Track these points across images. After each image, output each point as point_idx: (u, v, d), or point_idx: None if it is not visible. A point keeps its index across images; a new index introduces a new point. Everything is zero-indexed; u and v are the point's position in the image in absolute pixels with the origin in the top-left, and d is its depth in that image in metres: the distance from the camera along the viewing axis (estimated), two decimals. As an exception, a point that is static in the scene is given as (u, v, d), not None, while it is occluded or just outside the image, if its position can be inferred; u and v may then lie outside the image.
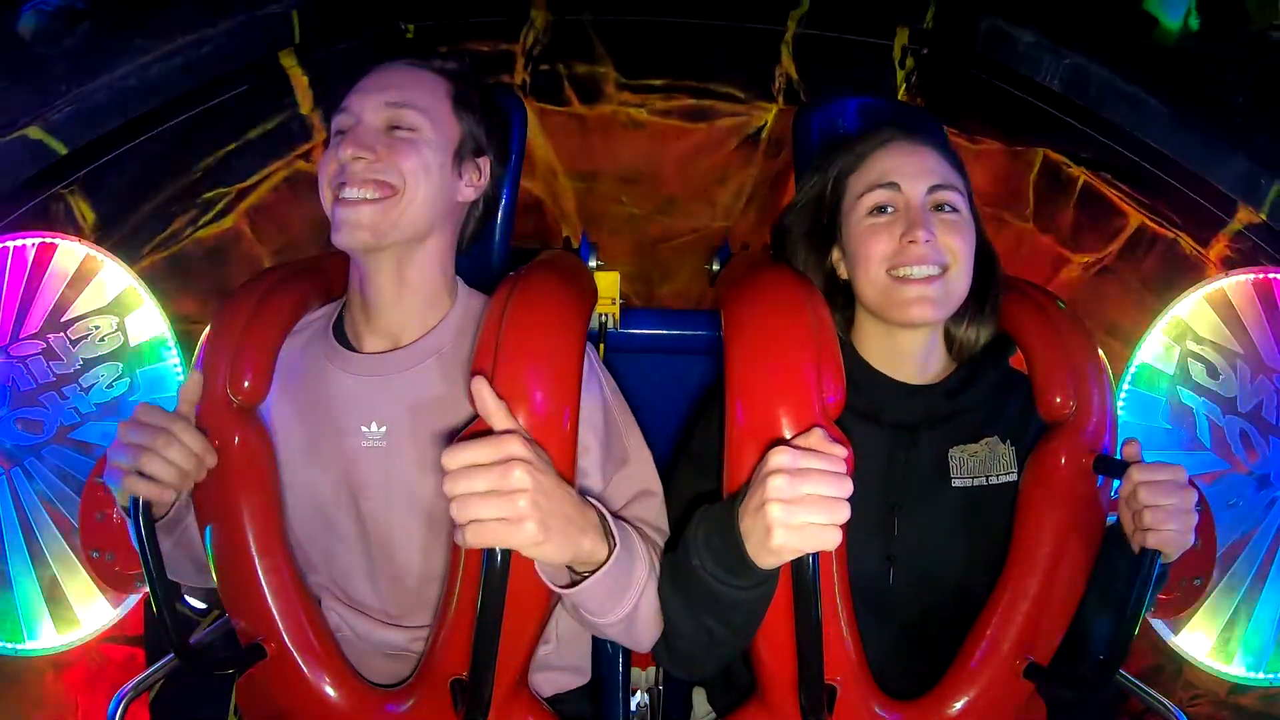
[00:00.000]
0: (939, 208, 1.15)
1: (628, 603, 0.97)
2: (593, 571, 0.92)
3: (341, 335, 1.21)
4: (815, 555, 0.89)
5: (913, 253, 1.12)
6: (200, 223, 2.02)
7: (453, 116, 1.17)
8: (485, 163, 1.22)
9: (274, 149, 2.03)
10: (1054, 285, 2.13)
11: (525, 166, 2.07)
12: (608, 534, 0.95)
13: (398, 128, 1.13)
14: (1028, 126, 2.02)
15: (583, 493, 1.09)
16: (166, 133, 1.82)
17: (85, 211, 1.84)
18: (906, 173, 1.16)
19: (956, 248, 1.14)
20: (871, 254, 1.15)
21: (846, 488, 0.86)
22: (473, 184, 1.21)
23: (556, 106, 2.17)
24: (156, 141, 1.82)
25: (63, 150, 1.61)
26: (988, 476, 1.19)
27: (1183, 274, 1.95)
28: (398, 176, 1.10)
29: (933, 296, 1.12)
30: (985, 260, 1.22)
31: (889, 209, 1.16)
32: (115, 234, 1.89)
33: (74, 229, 1.82)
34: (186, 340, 1.85)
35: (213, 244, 2.06)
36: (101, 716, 1.18)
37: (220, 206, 2.03)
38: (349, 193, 1.09)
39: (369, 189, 1.09)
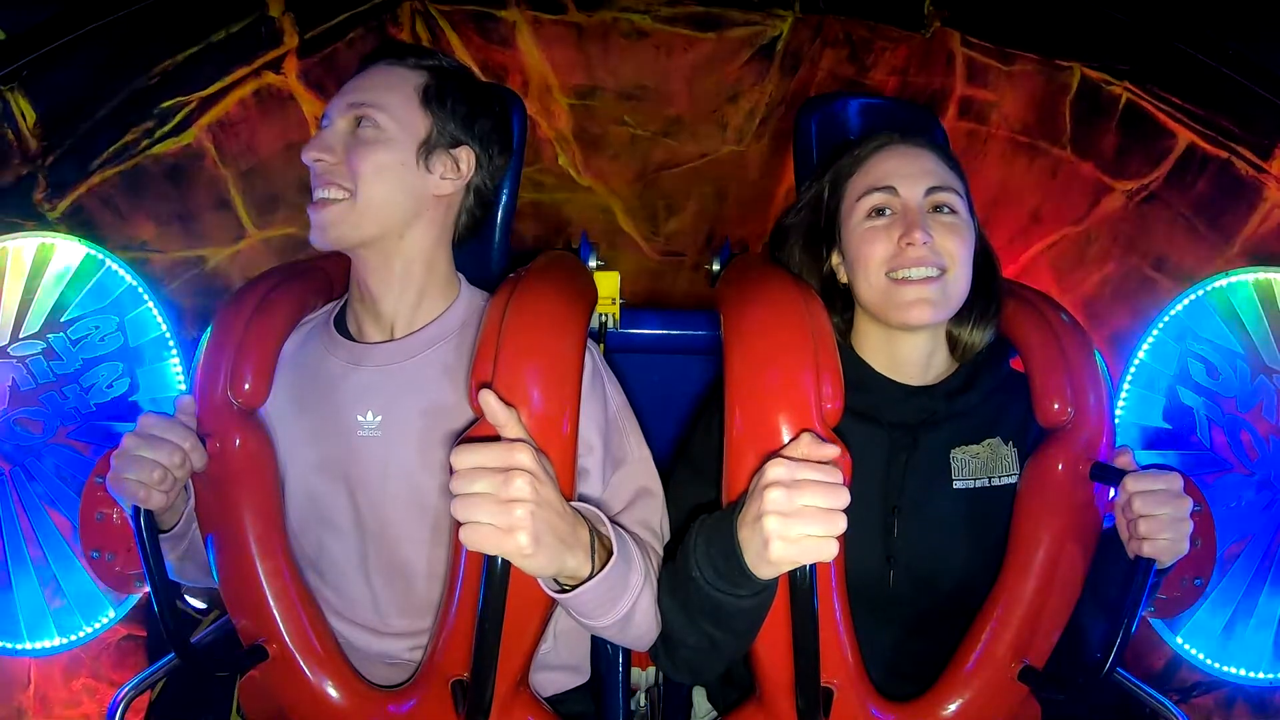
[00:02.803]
0: (937, 209, 1.15)
1: (621, 608, 0.97)
2: (583, 581, 0.92)
3: (343, 327, 1.22)
4: (812, 564, 0.89)
5: (910, 255, 1.12)
6: (157, 135, 1.87)
7: (420, 110, 1.16)
8: (465, 153, 1.20)
9: (239, 55, 1.86)
10: (1095, 216, 2.02)
11: (516, 81, 2.00)
12: (600, 546, 0.94)
13: (361, 127, 1.14)
14: (1066, 38, 1.85)
15: (583, 496, 1.09)
16: (119, 26, 1.67)
17: (25, 109, 1.70)
18: (904, 175, 1.16)
19: (954, 250, 1.13)
20: (870, 257, 1.15)
21: (843, 499, 0.86)
22: (448, 176, 1.18)
23: (550, 14, 1.97)
24: (108, 36, 1.66)
25: (-1, 35, 1.43)
26: (990, 478, 1.18)
27: (1237, 196, 1.84)
28: (350, 179, 1.12)
29: (931, 298, 1.12)
30: (986, 262, 1.22)
31: (886, 212, 1.16)
32: (62, 140, 1.74)
33: (10, 128, 1.67)
34: (146, 274, 1.72)
35: (172, 162, 1.91)
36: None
37: (179, 118, 1.88)
38: (317, 193, 1.13)
39: (331, 190, 1.12)
